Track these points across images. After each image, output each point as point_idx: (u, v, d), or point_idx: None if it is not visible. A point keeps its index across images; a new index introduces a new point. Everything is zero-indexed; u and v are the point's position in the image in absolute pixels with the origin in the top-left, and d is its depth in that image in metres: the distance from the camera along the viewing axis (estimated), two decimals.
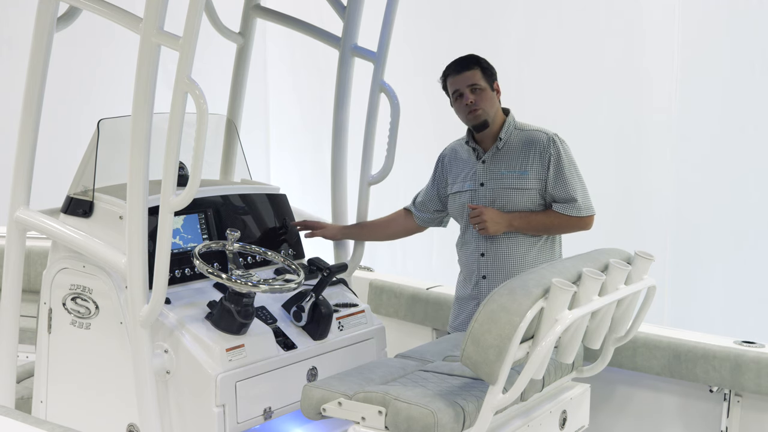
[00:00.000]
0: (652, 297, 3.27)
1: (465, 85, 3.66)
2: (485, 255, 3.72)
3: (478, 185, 3.74)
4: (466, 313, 3.81)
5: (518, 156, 3.70)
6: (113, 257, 3.10)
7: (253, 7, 4.31)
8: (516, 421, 3.04)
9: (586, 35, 5.91)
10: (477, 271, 3.75)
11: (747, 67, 5.33)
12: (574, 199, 3.65)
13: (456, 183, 3.84)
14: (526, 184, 3.66)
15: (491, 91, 3.69)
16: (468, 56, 3.73)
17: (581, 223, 3.69)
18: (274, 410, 3.25)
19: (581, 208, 3.66)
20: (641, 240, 5.42)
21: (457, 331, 3.83)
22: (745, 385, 3.60)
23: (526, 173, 3.67)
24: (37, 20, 3.21)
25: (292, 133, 7.68)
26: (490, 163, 3.73)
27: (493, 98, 3.71)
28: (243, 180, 4.17)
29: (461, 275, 3.89)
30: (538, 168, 3.66)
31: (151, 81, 2.89)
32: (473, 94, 3.66)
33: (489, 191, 3.71)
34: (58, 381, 3.40)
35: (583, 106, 5.93)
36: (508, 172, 3.69)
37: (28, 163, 3.33)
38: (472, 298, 3.79)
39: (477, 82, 3.66)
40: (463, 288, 3.85)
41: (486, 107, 3.67)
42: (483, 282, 3.73)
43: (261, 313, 3.37)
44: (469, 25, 6.32)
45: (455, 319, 3.90)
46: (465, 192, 3.78)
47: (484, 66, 3.70)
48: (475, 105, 3.65)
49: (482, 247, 3.73)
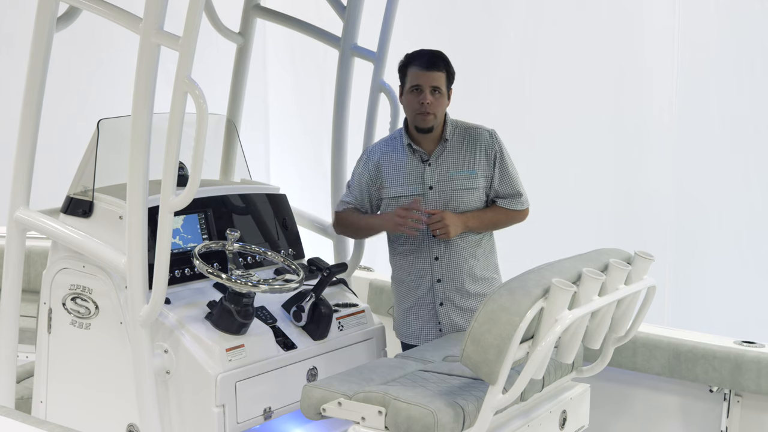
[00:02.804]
0: (652, 297, 3.27)
1: (428, 84, 3.58)
2: (439, 258, 3.69)
3: (427, 189, 3.67)
4: (422, 319, 3.75)
5: (464, 155, 3.67)
6: (113, 257, 3.09)
7: (253, 7, 4.31)
8: (516, 421, 3.04)
9: (586, 35, 5.91)
10: (430, 275, 3.71)
11: (747, 67, 5.33)
12: (519, 194, 3.71)
13: (394, 186, 3.71)
14: (474, 183, 3.66)
15: (446, 98, 3.65)
16: (438, 55, 3.64)
17: (522, 215, 3.77)
18: (274, 410, 3.25)
19: (524, 202, 3.74)
20: (641, 240, 5.42)
21: (416, 340, 3.77)
22: (745, 385, 3.60)
23: (475, 172, 3.66)
24: (37, 20, 3.21)
25: (292, 133, 7.67)
26: (436, 165, 3.68)
27: (446, 105, 3.66)
28: (243, 180, 4.17)
29: (401, 284, 3.79)
30: (485, 166, 3.67)
31: (151, 81, 2.89)
32: (432, 96, 3.59)
33: (440, 194, 3.66)
34: (58, 381, 3.40)
35: (583, 106, 5.92)
36: (457, 173, 3.66)
37: (28, 163, 3.33)
38: (425, 304, 3.74)
39: (440, 86, 3.60)
40: (411, 295, 3.76)
41: (438, 113, 3.62)
42: (438, 285, 3.70)
43: (261, 313, 3.37)
44: (469, 24, 6.32)
45: (408, 328, 3.79)
46: (410, 196, 3.67)
47: (449, 70, 3.65)
48: (430, 108, 3.59)
49: (436, 251, 3.69)
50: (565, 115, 5.81)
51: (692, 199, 5.61)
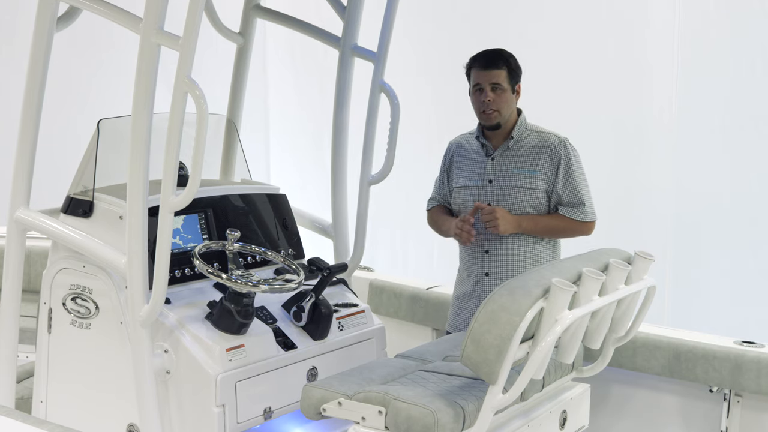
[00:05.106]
0: (652, 297, 3.27)
1: (488, 82, 3.65)
2: (489, 252, 3.73)
3: (487, 182, 3.74)
4: (467, 312, 3.81)
5: (528, 156, 3.71)
6: (113, 257, 3.10)
7: (253, 7, 4.31)
8: (516, 421, 3.04)
9: (586, 35, 5.91)
10: (479, 267, 3.76)
11: (747, 67, 5.33)
12: (582, 203, 3.69)
13: (461, 177, 3.84)
14: (534, 183, 3.68)
15: (511, 93, 3.69)
16: (498, 52, 3.69)
17: (584, 228, 3.74)
18: (274, 410, 3.25)
19: (587, 213, 3.70)
20: (641, 240, 5.41)
21: (457, 330, 3.83)
22: (745, 385, 3.60)
23: (536, 173, 3.68)
24: (37, 20, 3.21)
25: (292, 133, 7.67)
26: (499, 161, 3.74)
27: (512, 100, 3.71)
28: (243, 180, 4.17)
29: (461, 272, 3.88)
30: (548, 169, 3.68)
31: (151, 81, 2.89)
32: (493, 93, 3.65)
33: (497, 188, 3.72)
34: (58, 381, 3.40)
35: (583, 106, 5.92)
36: (518, 171, 3.70)
37: (28, 163, 3.33)
38: (473, 296, 3.79)
39: (500, 83, 3.65)
40: (463, 285, 3.85)
41: (502, 109, 3.68)
42: (485, 279, 3.74)
43: (261, 313, 3.37)
44: (470, 24, 6.32)
45: (455, 317, 3.90)
46: (472, 188, 3.78)
47: (511, 66, 3.68)
48: (493, 105, 3.65)
49: (487, 245, 3.74)
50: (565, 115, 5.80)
51: (692, 198, 5.61)
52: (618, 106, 5.83)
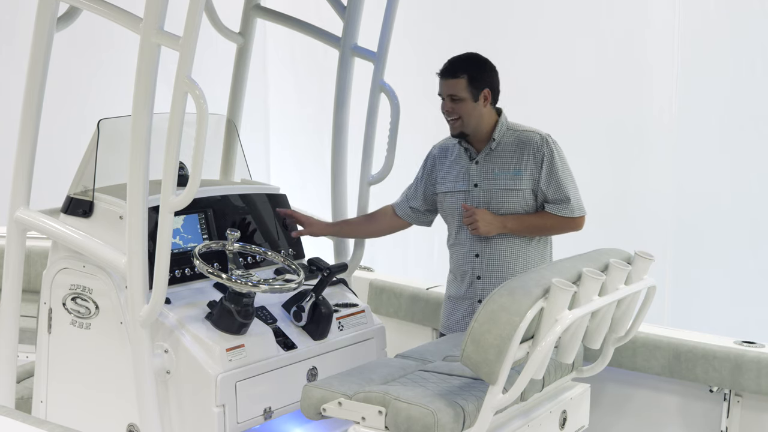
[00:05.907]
0: (652, 297, 3.27)
1: (445, 93, 3.64)
2: (480, 256, 3.71)
3: (472, 186, 3.72)
4: (460, 313, 3.80)
5: (512, 156, 3.68)
6: (113, 257, 3.10)
7: (253, 7, 4.31)
8: (516, 421, 3.04)
9: (586, 34, 5.91)
10: (471, 271, 3.74)
11: (747, 67, 5.33)
12: (568, 199, 3.65)
13: (446, 182, 3.80)
14: (519, 184, 3.66)
15: (473, 102, 3.62)
16: (458, 61, 3.65)
17: (573, 223, 3.69)
18: (274, 410, 3.25)
19: (574, 209, 3.66)
20: (641, 240, 5.42)
21: (450, 331, 3.83)
22: (745, 385, 3.60)
23: (520, 173, 3.66)
24: (37, 20, 3.21)
25: (292, 133, 7.68)
26: (483, 164, 3.71)
27: (475, 109, 3.63)
28: (243, 180, 4.17)
29: (453, 275, 3.86)
30: (532, 168, 3.65)
31: (151, 81, 2.89)
32: (452, 103, 3.62)
33: (483, 192, 3.69)
34: (58, 381, 3.40)
35: (583, 106, 5.92)
36: (502, 173, 3.67)
37: (28, 163, 3.33)
38: (466, 299, 3.78)
39: (456, 93, 3.61)
40: (456, 288, 3.83)
41: (465, 117, 3.63)
42: (478, 282, 3.73)
43: (261, 313, 3.37)
44: (469, 24, 6.32)
45: (448, 318, 3.88)
46: (457, 192, 3.75)
47: (472, 74, 3.61)
48: (452, 115, 3.64)
49: (477, 248, 3.72)
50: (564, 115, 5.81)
51: (692, 198, 5.61)
52: (618, 106, 5.83)
